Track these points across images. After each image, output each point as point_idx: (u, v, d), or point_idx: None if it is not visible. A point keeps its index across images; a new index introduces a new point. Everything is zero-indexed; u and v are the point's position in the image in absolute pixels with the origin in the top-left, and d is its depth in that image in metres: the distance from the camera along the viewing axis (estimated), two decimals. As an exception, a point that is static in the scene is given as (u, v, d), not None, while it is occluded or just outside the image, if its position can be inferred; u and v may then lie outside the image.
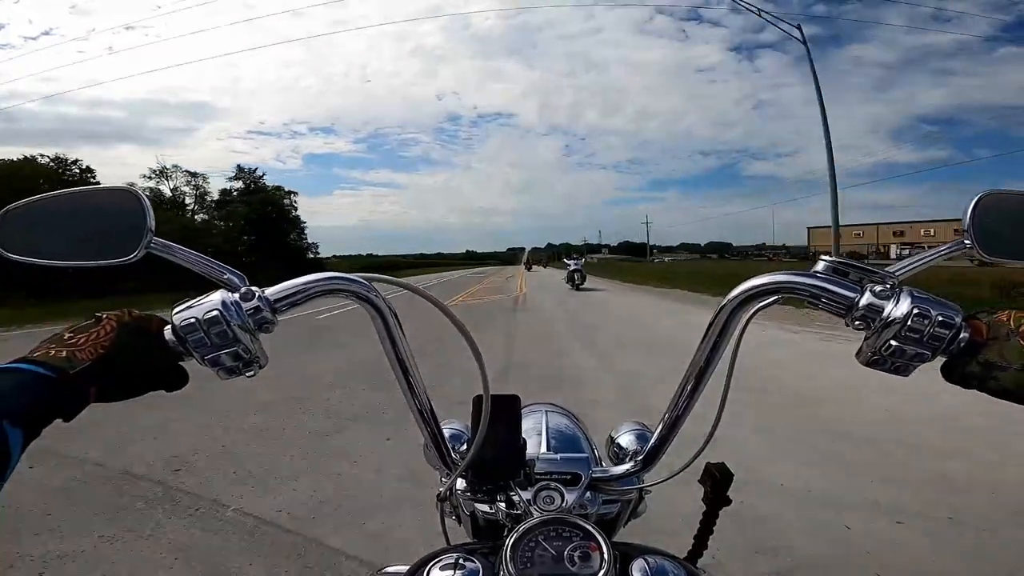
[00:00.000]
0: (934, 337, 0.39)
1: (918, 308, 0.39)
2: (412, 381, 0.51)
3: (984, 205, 0.43)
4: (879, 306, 0.40)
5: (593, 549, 0.46)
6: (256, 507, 2.29)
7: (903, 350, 0.39)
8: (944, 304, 0.39)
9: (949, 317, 0.39)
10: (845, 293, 0.41)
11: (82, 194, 0.47)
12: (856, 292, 0.41)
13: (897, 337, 0.39)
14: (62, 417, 0.37)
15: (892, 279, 0.41)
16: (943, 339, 0.39)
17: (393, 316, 0.47)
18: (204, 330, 0.41)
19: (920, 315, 0.39)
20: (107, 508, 2.29)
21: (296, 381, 4.49)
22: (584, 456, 0.64)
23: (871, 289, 0.41)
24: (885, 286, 0.40)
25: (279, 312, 0.44)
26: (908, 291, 0.40)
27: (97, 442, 2.98)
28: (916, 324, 0.39)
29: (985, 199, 0.44)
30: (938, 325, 0.39)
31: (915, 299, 0.39)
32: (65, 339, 0.39)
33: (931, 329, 0.39)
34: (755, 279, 0.43)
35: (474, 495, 0.60)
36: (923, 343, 0.39)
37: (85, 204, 0.46)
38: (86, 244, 0.45)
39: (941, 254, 0.44)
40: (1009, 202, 0.44)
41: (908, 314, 0.39)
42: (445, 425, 0.71)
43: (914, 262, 0.43)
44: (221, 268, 0.45)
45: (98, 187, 0.47)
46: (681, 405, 0.52)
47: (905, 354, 0.40)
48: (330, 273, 0.45)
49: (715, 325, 0.46)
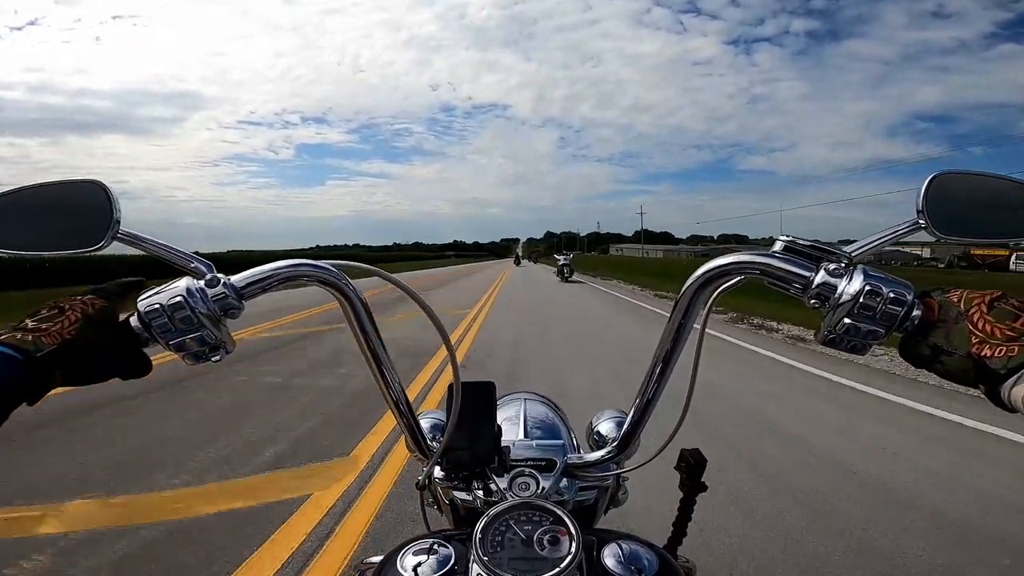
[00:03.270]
0: (886, 315, 0.39)
1: (870, 285, 0.39)
2: (385, 371, 0.51)
3: (937, 185, 0.44)
4: (833, 284, 0.41)
5: (562, 533, 0.46)
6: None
7: (857, 328, 0.40)
8: (896, 282, 0.40)
9: (901, 294, 0.39)
10: (800, 272, 0.42)
11: (50, 187, 0.48)
12: (811, 271, 0.42)
13: (850, 315, 0.40)
14: (27, 399, 0.38)
15: (846, 257, 0.42)
16: (895, 316, 0.40)
17: (363, 304, 0.47)
18: (168, 315, 0.42)
19: (872, 292, 0.39)
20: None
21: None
22: (560, 443, 0.65)
23: (825, 268, 0.41)
24: (839, 264, 0.41)
25: (245, 298, 0.45)
26: (862, 269, 0.41)
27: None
28: (868, 301, 0.39)
29: (938, 180, 0.44)
30: (890, 302, 0.39)
31: (867, 277, 0.40)
32: (30, 326, 0.40)
33: (883, 306, 0.39)
34: (714, 260, 0.44)
35: (451, 483, 0.60)
36: (876, 320, 0.40)
37: (53, 196, 0.47)
38: (55, 234, 0.47)
39: (897, 233, 0.45)
40: (961, 182, 0.45)
41: (860, 291, 0.39)
42: (425, 415, 0.71)
43: (870, 241, 0.44)
44: (188, 257, 0.45)
45: (65, 180, 0.48)
46: (651, 389, 0.53)
47: (859, 332, 0.40)
48: (296, 260, 0.45)
49: (679, 308, 0.47)
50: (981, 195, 0.46)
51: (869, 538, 2.00)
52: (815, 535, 2.02)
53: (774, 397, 4.01)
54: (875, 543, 1.97)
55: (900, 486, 2.45)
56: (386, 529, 2.03)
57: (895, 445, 2.97)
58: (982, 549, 1.95)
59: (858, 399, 3.94)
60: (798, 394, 4.11)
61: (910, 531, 2.05)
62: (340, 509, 2.17)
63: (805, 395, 4.08)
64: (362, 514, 2.13)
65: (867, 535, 2.02)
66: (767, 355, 5.59)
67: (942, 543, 1.97)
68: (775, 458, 2.78)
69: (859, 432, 3.23)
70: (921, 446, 2.98)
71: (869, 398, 3.95)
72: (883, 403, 3.82)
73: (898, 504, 2.27)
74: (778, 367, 5.07)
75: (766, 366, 5.14)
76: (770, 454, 2.84)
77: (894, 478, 2.53)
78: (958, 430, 3.22)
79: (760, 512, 2.19)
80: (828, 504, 2.27)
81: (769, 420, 3.45)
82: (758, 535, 2.02)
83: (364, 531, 2.01)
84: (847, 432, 3.22)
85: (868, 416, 3.55)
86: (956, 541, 1.99)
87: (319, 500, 2.24)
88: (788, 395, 4.08)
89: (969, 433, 3.16)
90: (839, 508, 2.23)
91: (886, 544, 1.96)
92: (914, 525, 2.09)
